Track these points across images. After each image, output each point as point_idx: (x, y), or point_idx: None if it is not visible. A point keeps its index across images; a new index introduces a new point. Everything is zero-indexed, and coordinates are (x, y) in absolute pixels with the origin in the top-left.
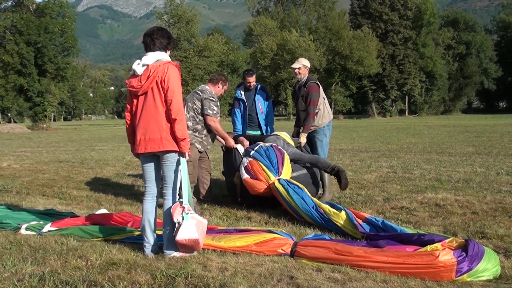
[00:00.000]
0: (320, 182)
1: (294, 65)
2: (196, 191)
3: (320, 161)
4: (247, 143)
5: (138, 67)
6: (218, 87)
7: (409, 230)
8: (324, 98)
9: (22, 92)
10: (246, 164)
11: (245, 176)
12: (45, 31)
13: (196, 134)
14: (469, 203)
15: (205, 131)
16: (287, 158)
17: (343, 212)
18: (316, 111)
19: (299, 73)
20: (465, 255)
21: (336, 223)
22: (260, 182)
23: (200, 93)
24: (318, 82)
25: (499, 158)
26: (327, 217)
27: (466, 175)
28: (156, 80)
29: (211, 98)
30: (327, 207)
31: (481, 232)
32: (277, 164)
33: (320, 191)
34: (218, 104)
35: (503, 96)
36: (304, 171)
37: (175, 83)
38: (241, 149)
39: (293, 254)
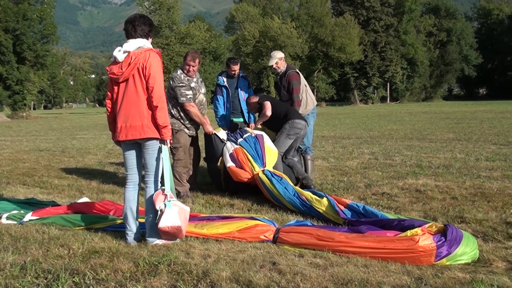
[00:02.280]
0: (303, 169)
1: (270, 63)
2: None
3: (296, 168)
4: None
5: (119, 53)
6: (185, 66)
7: (390, 215)
8: (305, 86)
9: (1, 80)
10: (231, 151)
11: (230, 164)
12: (24, 18)
13: (182, 120)
14: (449, 189)
15: (190, 115)
16: (268, 147)
17: (324, 199)
18: (300, 98)
19: (277, 67)
20: (444, 239)
21: (318, 209)
22: (244, 172)
23: (171, 82)
24: (297, 70)
25: (479, 144)
26: (309, 204)
27: (446, 161)
28: (138, 67)
29: (180, 85)
30: (309, 194)
31: (460, 216)
32: (262, 154)
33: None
34: (192, 84)
35: (483, 83)
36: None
37: (157, 70)
38: (222, 135)
39: (275, 240)
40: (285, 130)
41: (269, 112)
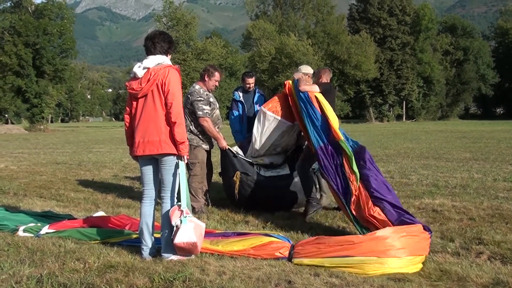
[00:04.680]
0: (318, 186)
1: (294, 75)
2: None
3: (308, 186)
4: None
5: (139, 69)
6: (206, 80)
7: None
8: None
9: (20, 93)
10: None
11: None
12: (44, 32)
13: (201, 136)
14: (466, 209)
15: None
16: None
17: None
18: None
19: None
20: None
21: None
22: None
23: (190, 97)
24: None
25: (496, 164)
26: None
27: (463, 181)
28: (157, 83)
29: (199, 99)
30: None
31: (478, 238)
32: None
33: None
34: (211, 99)
35: (500, 102)
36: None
37: (176, 87)
38: (239, 150)
39: (291, 257)
40: None
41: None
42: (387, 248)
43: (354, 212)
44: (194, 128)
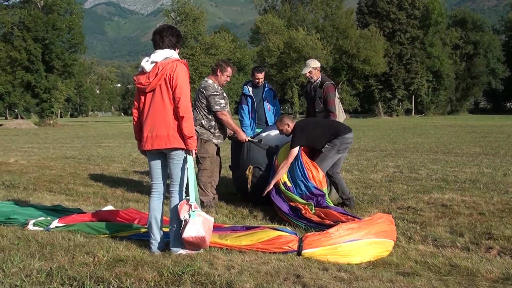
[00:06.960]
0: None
1: (303, 71)
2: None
3: (341, 186)
4: None
5: (146, 64)
6: (218, 75)
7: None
8: (338, 98)
9: (29, 88)
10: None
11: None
12: (53, 27)
13: (212, 130)
14: (476, 204)
15: (219, 125)
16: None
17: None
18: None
19: (311, 77)
20: None
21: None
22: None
23: (204, 91)
24: (333, 82)
25: (506, 159)
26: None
27: (472, 176)
28: (165, 78)
29: (215, 93)
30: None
31: (488, 233)
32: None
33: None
34: (224, 94)
35: (510, 97)
36: None
37: (184, 81)
38: (272, 132)
39: (301, 249)
40: (335, 146)
41: (291, 160)
42: (385, 229)
43: (310, 218)
44: (205, 122)
